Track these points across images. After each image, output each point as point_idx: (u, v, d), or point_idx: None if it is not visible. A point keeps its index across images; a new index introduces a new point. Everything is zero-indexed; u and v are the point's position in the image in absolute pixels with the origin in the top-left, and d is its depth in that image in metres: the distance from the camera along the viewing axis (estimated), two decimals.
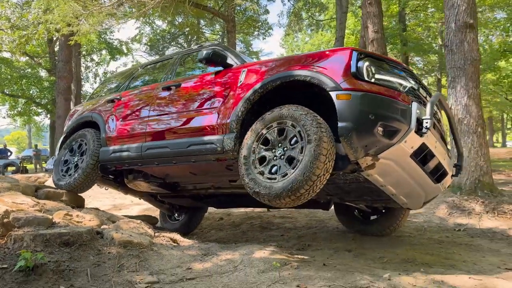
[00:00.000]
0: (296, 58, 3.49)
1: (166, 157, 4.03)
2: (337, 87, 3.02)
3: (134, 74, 5.30)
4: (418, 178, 3.40)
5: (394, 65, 3.38)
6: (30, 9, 16.68)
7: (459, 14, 5.82)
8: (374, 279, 2.94)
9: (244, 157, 3.31)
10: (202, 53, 3.85)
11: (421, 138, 3.07)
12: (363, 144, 2.93)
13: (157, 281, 2.87)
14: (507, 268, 3.28)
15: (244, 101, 3.50)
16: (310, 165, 2.87)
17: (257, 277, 2.96)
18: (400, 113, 2.99)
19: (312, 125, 2.97)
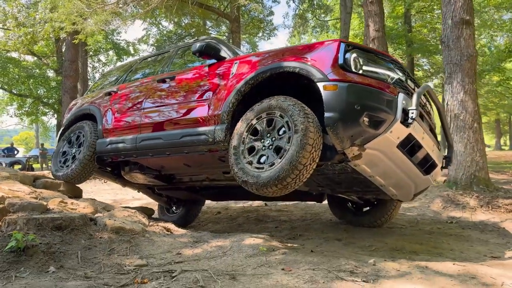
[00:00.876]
0: (287, 50, 3.55)
1: (160, 148, 4.10)
2: (324, 78, 3.08)
3: (132, 67, 5.40)
4: (406, 169, 3.43)
5: (382, 57, 3.43)
6: (37, 8, 16.89)
7: (455, 10, 5.84)
8: (359, 264, 2.98)
9: (234, 147, 3.37)
10: (195, 46, 3.92)
11: (407, 128, 3.10)
12: (349, 134, 2.97)
13: (145, 264, 2.93)
14: (493, 256, 3.31)
15: (235, 92, 3.56)
16: (296, 154, 2.93)
17: (244, 261, 3.02)
18: (386, 103, 3.03)
19: (299, 115, 3.03)
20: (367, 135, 3.01)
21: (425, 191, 5.91)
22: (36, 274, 2.59)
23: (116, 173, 5.16)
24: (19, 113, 28.80)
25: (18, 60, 25.46)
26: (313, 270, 2.81)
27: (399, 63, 3.55)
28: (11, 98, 28.39)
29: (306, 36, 37.36)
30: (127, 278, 2.61)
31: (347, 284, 2.55)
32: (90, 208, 3.86)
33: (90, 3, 9.77)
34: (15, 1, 17.14)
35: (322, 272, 2.76)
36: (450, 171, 6.02)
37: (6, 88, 26.19)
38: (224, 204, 6.85)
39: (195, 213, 5.87)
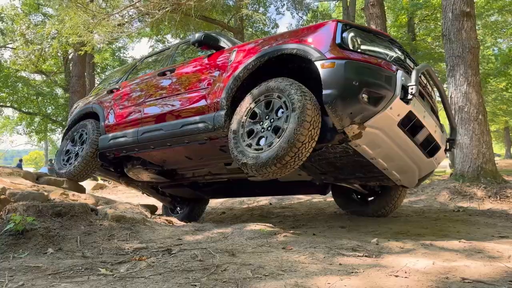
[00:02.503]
0: (285, 34, 3.56)
1: (161, 139, 4.11)
2: (321, 56, 3.07)
3: (134, 67, 5.47)
4: (408, 150, 3.38)
5: (380, 36, 3.43)
6: (44, 25, 17.22)
7: (455, 3, 5.84)
8: (361, 243, 2.93)
9: (233, 131, 3.37)
10: (194, 36, 3.98)
11: (407, 105, 3.05)
12: (348, 111, 2.94)
13: (145, 247, 2.89)
14: (501, 236, 3.23)
15: (234, 78, 3.56)
16: (294, 132, 2.91)
17: (244, 242, 2.98)
18: (384, 79, 3.01)
19: (296, 94, 3.03)
20: (366, 112, 2.97)
21: (432, 185, 5.84)
22: (34, 255, 2.57)
23: (119, 171, 5.16)
24: (28, 131, 29.14)
25: (27, 78, 25.90)
26: (314, 248, 2.77)
27: (398, 43, 3.54)
28: (20, 117, 28.80)
29: None
30: (125, 257, 2.58)
31: (348, 259, 2.50)
32: (92, 199, 3.86)
33: (95, 13, 9.94)
34: (22, 18, 17.50)
35: (323, 250, 2.72)
36: (456, 164, 5.94)
37: (16, 107, 26.56)
38: (229, 205, 6.81)
39: (199, 212, 5.86)
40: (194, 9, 12.21)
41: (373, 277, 2.11)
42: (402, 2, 22.86)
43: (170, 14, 11.98)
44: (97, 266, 2.33)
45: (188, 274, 2.14)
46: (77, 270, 2.27)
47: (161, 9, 11.52)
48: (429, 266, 2.29)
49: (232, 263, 2.35)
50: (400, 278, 2.08)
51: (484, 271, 2.16)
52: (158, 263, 2.37)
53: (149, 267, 2.29)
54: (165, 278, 2.08)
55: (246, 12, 14.56)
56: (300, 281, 2.03)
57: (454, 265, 2.29)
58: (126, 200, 9.19)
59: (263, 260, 2.44)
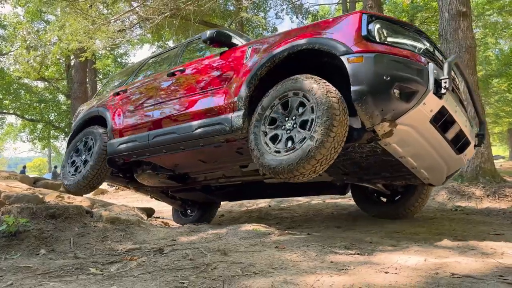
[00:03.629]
0: (304, 28, 3.36)
1: (174, 143, 3.92)
2: (347, 50, 2.89)
3: (141, 67, 5.26)
4: (439, 148, 3.19)
5: (407, 27, 3.23)
6: (45, 32, 17.34)
7: (451, 3, 5.84)
8: (355, 242, 2.92)
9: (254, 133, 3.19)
10: (205, 34, 3.80)
11: (440, 100, 2.87)
12: (379, 108, 2.76)
13: (138, 248, 2.89)
14: (496, 233, 3.21)
15: (251, 77, 3.37)
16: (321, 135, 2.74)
17: (237, 242, 2.97)
18: (416, 73, 2.83)
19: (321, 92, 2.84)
20: (398, 109, 2.79)
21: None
22: (26, 256, 2.57)
23: (128, 176, 4.92)
24: (31, 138, 29.28)
25: (29, 85, 26.05)
26: (307, 247, 2.76)
27: (425, 34, 3.33)
28: (23, 124, 28.96)
29: None
30: (117, 257, 2.58)
31: (340, 257, 2.49)
32: (87, 202, 3.87)
33: (95, 19, 10.01)
34: (23, 25, 17.64)
35: (316, 248, 2.71)
36: None
37: (19, 114, 26.71)
38: (228, 208, 6.80)
39: (211, 215, 5.69)
40: (194, 14, 12.26)
41: (363, 273, 2.10)
42: (403, 5, 22.90)
43: (170, 19, 12.04)
44: (88, 266, 2.33)
45: (177, 273, 2.14)
46: (67, 270, 2.27)
47: (161, 14, 11.58)
48: (421, 262, 2.28)
49: (222, 262, 2.34)
50: (390, 274, 2.07)
51: (474, 266, 2.15)
52: (149, 263, 2.36)
53: (139, 266, 2.29)
54: (153, 276, 2.08)
55: (246, 16, 14.61)
56: (289, 278, 2.02)
57: (445, 261, 2.27)
58: (128, 204, 9.20)
59: (254, 259, 2.43)
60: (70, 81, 26.05)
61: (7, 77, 22.90)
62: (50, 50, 14.72)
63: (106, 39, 11.24)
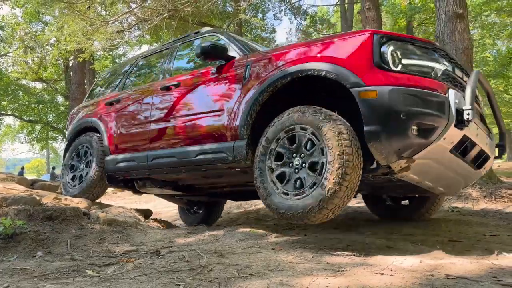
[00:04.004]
0: (308, 47, 3.04)
1: (174, 167, 3.81)
2: (358, 82, 2.61)
3: (132, 67, 5.09)
4: (458, 169, 3.02)
5: (423, 45, 2.84)
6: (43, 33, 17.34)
7: (448, 5, 5.86)
8: (351, 243, 2.93)
9: (260, 179, 2.97)
10: (198, 47, 3.51)
11: (461, 131, 2.64)
12: (395, 148, 2.53)
13: (135, 250, 2.89)
14: (492, 234, 3.22)
15: (252, 103, 3.15)
16: (333, 188, 2.54)
17: (234, 243, 2.98)
18: (436, 107, 2.54)
19: (330, 130, 2.61)
20: (416, 146, 2.56)
21: None
22: (23, 258, 2.58)
23: (130, 186, 4.77)
24: (29, 139, 29.26)
25: (28, 86, 26.02)
26: (303, 249, 2.77)
27: (443, 50, 2.98)
28: (21, 125, 28.95)
29: None
30: (114, 259, 2.58)
31: (336, 258, 2.51)
32: (84, 203, 3.87)
33: (93, 21, 10.01)
34: (21, 25, 17.63)
35: (312, 250, 2.72)
36: None
37: (17, 115, 26.68)
38: (226, 209, 6.80)
39: (218, 213, 5.67)
40: (192, 15, 12.27)
41: (358, 275, 2.11)
42: (401, 6, 22.96)
43: (168, 20, 12.05)
44: (85, 268, 2.34)
45: (173, 275, 2.15)
46: (64, 272, 2.27)
47: (159, 15, 11.58)
48: (416, 264, 2.29)
49: (219, 264, 2.35)
50: (385, 276, 2.08)
51: (469, 268, 2.16)
52: (145, 264, 2.37)
53: (136, 268, 2.30)
54: (150, 278, 2.09)
55: (244, 17, 14.62)
56: (285, 280, 2.03)
57: (441, 262, 2.29)
58: (126, 206, 9.20)
59: (251, 260, 2.44)
60: (68, 82, 26.00)
61: (5, 78, 22.87)
62: (48, 51, 14.71)
63: (105, 40, 11.24)
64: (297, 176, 2.79)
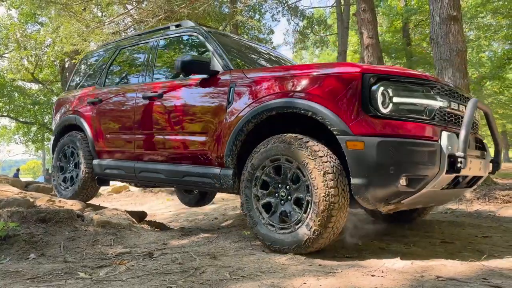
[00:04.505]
0: (295, 77, 2.84)
1: (162, 182, 3.89)
2: (345, 131, 2.48)
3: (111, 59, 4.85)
4: (450, 194, 2.99)
5: (417, 81, 2.61)
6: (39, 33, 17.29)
7: (442, 7, 5.89)
8: (345, 245, 2.94)
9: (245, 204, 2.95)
10: (178, 61, 3.27)
11: (452, 175, 2.52)
12: (382, 199, 2.48)
13: (128, 252, 2.90)
14: (484, 236, 3.24)
15: (237, 133, 3.06)
16: (318, 225, 2.50)
17: (228, 245, 2.99)
18: (427, 156, 2.42)
19: (315, 167, 2.53)
20: (405, 195, 2.49)
21: None
22: (15, 260, 2.58)
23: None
24: (25, 140, 29.16)
25: (23, 88, 25.94)
26: None
27: (439, 82, 2.71)
28: (17, 127, 28.85)
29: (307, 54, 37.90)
30: (107, 261, 2.59)
31: (329, 260, 2.52)
32: (78, 205, 3.86)
33: (88, 22, 10.00)
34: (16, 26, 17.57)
35: None
36: None
37: (13, 116, 26.58)
38: (222, 211, 6.80)
39: (212, 194, 5.83)
40: (188, 16, 12.28)
41: (349, 276, 2.12)
42: (397, 7, 23.06)
43: (164, 21, 12.04)
44: (77, 270, 2.34)
45: (165, 277, 2.15)
46: (57, 274, 2.27)
47: (155, 16, 11.59)
48: (407, 265, 2.31)
49: (211, 266, 2.36)
50: (376, 277, 2.09)
51: (460, 269, 2.18)
52: (138, 267, 2.37)
53: (128, 271, 2.30)
54: (141, 281, 2.09)
55: (241, 19, 14.63)
56: (277, 282, 2.04)
57: (432, 264, 2.30)
58: (121, 207, 9.19)
59: (243, 262, 2.45)
60: (64, 83, 25.95)
61: (1, 79, 22.78)
62: (44, 52, 14.67)
63: (101, 41, 11.21)
64: (283, 209, 2.73)
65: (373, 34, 9.63)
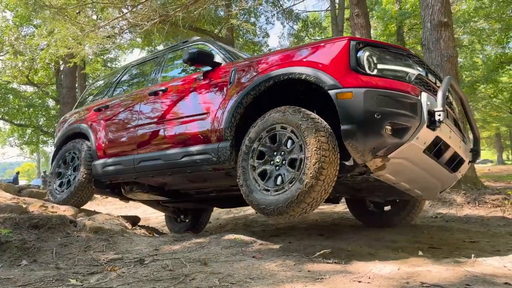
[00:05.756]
0: (290, 53, 3.22)
1: (160, 169, 3.90)
2: (336, 84, 2.75)
3: (121, 75, 5.22)
4: (433, 171, 3.14)
5: (397, 51, 3.02)
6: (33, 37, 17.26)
7: (433, 13, 5.97)
8: (335, 250, 2.98)
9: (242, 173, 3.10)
10: (186, 53, 3.61)
11: (434, 132, 2.79)
12: (370, 146, 2.66)
13: (120, 258, 2.92)
14: (471, 241, 3.29)
15: (236, 105, 3.28)
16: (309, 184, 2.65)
17: (219, 251, 3.02)
18: (409, 108, 2.70)
19: (308, 129, 2.74)
20: (391, 145, 2.69)
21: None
22: (7, 267, 2.59)
23: (116, 192, 4.82)
24: (19, 143, 29.05)
25: (18, 90, 25.85)
26: (287, 256, 2.82)
27: (416, 56, 3.16)
28: (12, 129, 28.74)
29: None
30: (98, 268, 2.61)
31: (318, 266, 2.55)
32: (71, 211, 3.89)
33: (83, 25, 10.01)
34: (11, 29, 17.53)
35: (295, 257, 2.77)
36: None
37: (7, 118, 26.48)
38: (215, 215, 6.83)
39: (204, 220, 5.63)
40: (183, 20, 12.31)
41: (337, 283, 2.16)
42: (392, 11, 23.20)
43: (159, 25, 12.07)
44: (68, 277, 2.36)
45: (155, 284, 2.18)
46: (48, 281, 2.29)
47: (150, 20, 11.61)
48: (394, 271, 2.35)
49: (201, 272, 2.39)
50: (362, 283, 2.13)
51: (444, 275, 2.22)
52: (128, 273, 2.40)
53: (119, 277, 2.33)
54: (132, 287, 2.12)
55: (236, 22, 14.69)
56: None
57: (418, 270, 2.35)
58: (116, 211, 9.20)
59: (233, 269, 2.48)
60: (59, 86, 25.90)
61: None
62: (39, 55, 14.65)
63: (96, 45, 11.23)
64: (278, 173, 2.91)
65: (367, 38, 9.73)
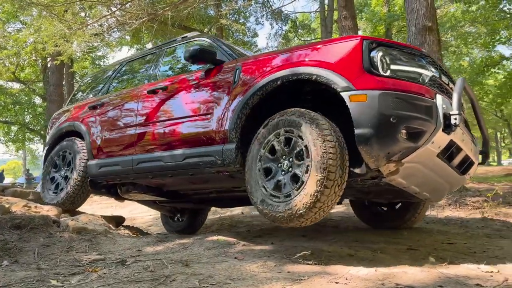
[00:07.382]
0: (299, 52, 3.09)
1: (160, 171, 3.73)
2: (349, 86, 2.65)
3: (117, 72, 5.00)
4: (443, 174, 3.10)
5: (410, 51, 2.94)
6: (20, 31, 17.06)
7: (418, 18, 6.07)
8: (315, 252, 3.03)
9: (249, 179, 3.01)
10: (187, 51, 3.45)
11: (449, 135, 2.73)
12: (385, 151, 2.58)
13: (102, 259, 2.93)
14: (449, 242, 3.37)
15: (242, 106, 3.15)
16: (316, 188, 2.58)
17: (201, 252, 3.05)
18: (425, 111, 2.61)
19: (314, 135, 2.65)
20: (405, 150, 2.62)
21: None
22: None
23: (112, 192, 4.65)
24: (4, 140, 28.69)
25: (4, 87, 25.52)
26: (268, 257, 2.85)
27: (430, 57, 3.07)
28: None
29: None
30: (80, 269, 2.62)
31: (297, 267, 2.60)
32: (54, 211, 3.88)
33: (70, 24, 9.93)
34: None
35: (276, 258, 2.81)
36: None
37: None
38: None
39: (201, 221, 5.56)
40: (172, 19, 12.30)
41: (315, 284, 2.20)
42: (380, 13, 23.41)
43: (148, 23, 12.04)
44: (49, 278, 2.37)
45: (136, 285, 2.20)
46: (28, 282, 2.30)
47: (138, 19, 11.57)
48: (371, 273, 2.40)
49: (182, 274, 2.41)
50: (339, 284, 2.18)
51: (419, 277, 2.28)
52: (109, 274, 2.42)
53: (100, 278, 2.34)
54: None
55: (225, 22, 14.71)
56: None
57: (394, 271, 2.40)
58: (101, 210, 9.15)
59: (214, 270, 2.51)
60: (46, 83, 25.65)
61: None
62: (25, 51, 14.50)
63: (83, 42, 11.16)
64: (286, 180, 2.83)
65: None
